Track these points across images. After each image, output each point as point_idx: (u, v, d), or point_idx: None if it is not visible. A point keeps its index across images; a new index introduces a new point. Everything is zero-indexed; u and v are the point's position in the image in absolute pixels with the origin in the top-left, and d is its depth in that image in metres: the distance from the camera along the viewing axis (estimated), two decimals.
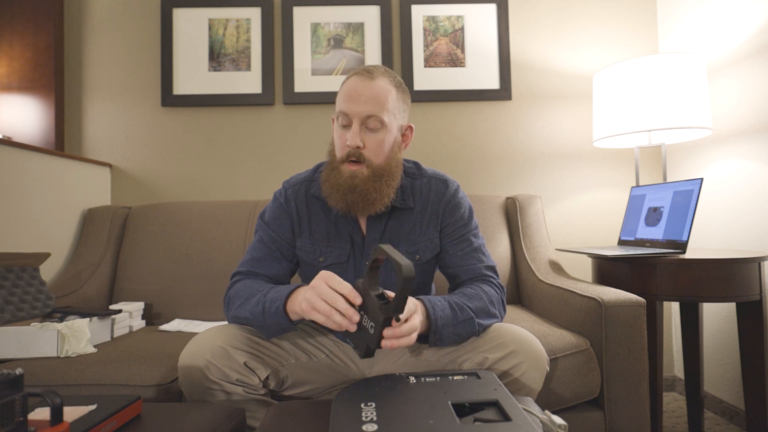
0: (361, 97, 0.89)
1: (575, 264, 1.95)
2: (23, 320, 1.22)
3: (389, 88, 0.91)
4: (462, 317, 0.86)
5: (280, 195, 1.02)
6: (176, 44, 1.93)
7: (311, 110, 1.95)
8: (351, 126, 0.90)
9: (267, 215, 1.02)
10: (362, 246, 0.98)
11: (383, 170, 0.92)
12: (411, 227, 0.99)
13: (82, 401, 0.70)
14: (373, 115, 0.89)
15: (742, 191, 1.56)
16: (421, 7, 1.96)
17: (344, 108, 0.90)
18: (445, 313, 0.84)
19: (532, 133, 1.97)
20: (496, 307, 0.92)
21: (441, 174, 1.04)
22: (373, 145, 0.91)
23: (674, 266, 1.28)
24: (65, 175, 1.66)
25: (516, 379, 0.84)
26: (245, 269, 0.98)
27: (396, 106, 0.93)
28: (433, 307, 0.84)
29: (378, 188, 0.91)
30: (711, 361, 1.70)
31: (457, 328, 0.85)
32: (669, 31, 1.92)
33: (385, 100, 0.90)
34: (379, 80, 0.90)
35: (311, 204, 1.00)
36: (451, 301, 0.87)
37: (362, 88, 0.89)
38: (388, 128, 0.91)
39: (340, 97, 0.92)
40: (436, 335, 0.84)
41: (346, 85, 0.92)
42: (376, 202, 0.92)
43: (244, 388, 0.86)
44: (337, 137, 0.94)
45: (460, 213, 1.00)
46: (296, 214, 1.00)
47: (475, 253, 0.99)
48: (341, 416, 0.58)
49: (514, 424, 0.54)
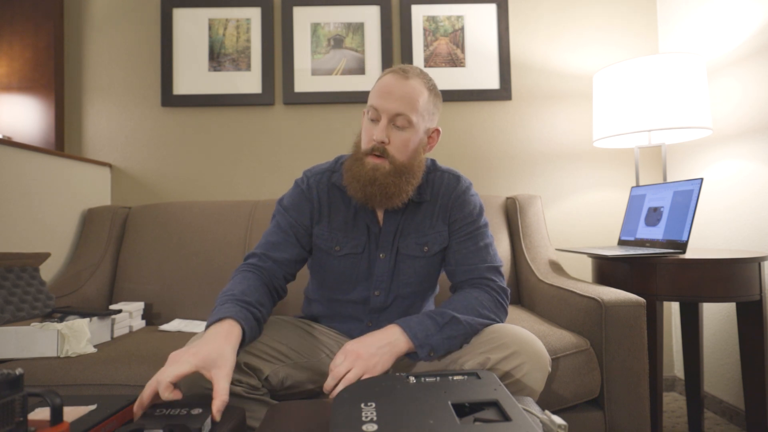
0: (393, 94, 0.91)
1: (575, 264, 1.95)
2: (23, 320, 1.22)
3: (422, 90, 0.93)
4: (443, 321, 0.86)
5: (302, 182, 1.04)
6: (176, 44, 1.93)
7: (311, 110, 1.95)
8: (379, 121, 0.93)
9: (286, 201, 1.04)
10: (378, 237, 1.00)
11: (405, 168, 0.94)
12: (422, 219, 1.01)
13: (82, 401, 0.69)
14: (401, 114, 0.91)
15: (742, 191, 1.56)
16: (421, 7, 1.96)
17: (375, 103, 0.93)
18: (423, 325, 0.85)
19: (532, 133, 1.97)
20: (489, 309, 0.92)
21: (455, 171, 1.07)
22: (398, 143, 0.93)
23: (674, 266, 1.28)
24: (65, 175, 1.66)
25: (518, 380, 0.84)
26: (260, 251, 0.98)
27: (426, 109, 0.95)
28: (406, 323, 0.85)
29: (397, 184, 0.93)
30: (711, 361, 1.71)
31: (444, 332, 0.85)
32: (669, 31, 1.92)
33: (416, 101, 0.92)
34: (413, 81, 0.92)
35: (332, 193, 1.02)
36: (427, 313, 0.88)
37: (395, 87, 0.91)
38: (416, 129, 0.94)
39: (374, 92, 0.94)
40: (425, 348, 0.84)
41: (381, 82, 0.94)
42: (393, 197, 0.94)
43: (243, 388, 0.86)
44: (365, 130, 0.96)
45: (468, 209, 1.02)
46: (317, 201, 1.02)
47: (479, 253, 0.99)
48: (341, 416, 0.58)
49: (514, 424, 0.54)
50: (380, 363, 0.80)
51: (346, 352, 0.81)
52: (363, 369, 0.78)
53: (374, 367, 0.79)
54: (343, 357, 0.80)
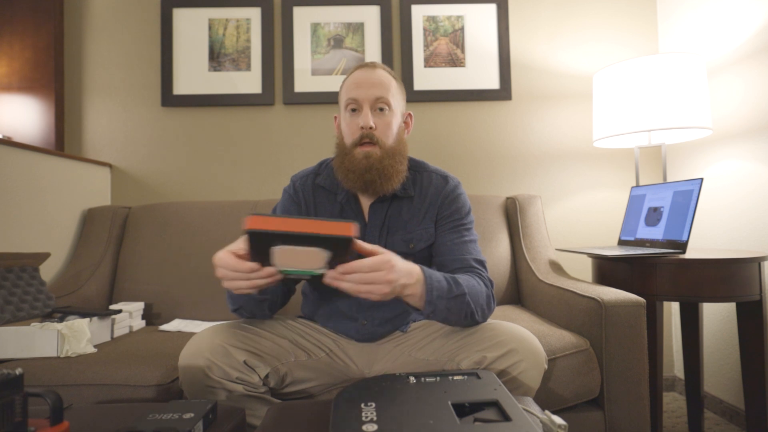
0: (367, 82, 0.98)
1: (575, 264, 1.95)
2: (23, 320, 1.22)
3: (390, 78, 1.01)
4: (456, 292, 0.86)
5: (289, 188, 1.09)
6: (176, 44, 1.93)
7: (311, 110, 1.95)
8: (360, 111, 0.98)
9: (279, 211, 1.09)
10: (364, 232, 1.03)
11: (394, 150, 0.99)
12: (409, 216, 1.03)
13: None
14: (381, 97, 0.97)
15: (742, 191, 1.56)
16: (421, 7, 1.96)
17: (354, 95, 0.98)
18: (441, 285, 0.84)
19: (532, 133, 1.97)
20: (479, 299, 0.90)
21: (442, 171, 1.09)
22: (383, 127, 0.98)
23: (674, 266, 1.28)
24: (65, 175, 1.66)
25: (514, 378, 0.84)
26: None
27: (398, 92, 1.02)
28: (430, 275, 0.84)
29: (392, 165, 0.98)
30: (711, 361, 1.70)
31: (450, 302, 0.85)
32: (669, 31, 1.92)
33: (389, 85, 1.00)
34: (380, 71, 1.01)
35: (317, 193, 1.07)
36: (446, 276, 0.87)
37: (368, 77, 0.99)
38: (394, 111, 1.00)
39: (348, 87, 1.00)
40: (431, 305, 0.83)
41: (352, 77, 1.01)
42: (392, 178, 0.98)
43: (244, 386, 0.86)
44: (347, 124, 1.00)
45: (456, 206, 1.04)
46: (304, 202, 1.07)
47: (466, 245, 1.00)
48: (341, 416, 0.58)
49: (514, 424, 0.54)
50: (389, 295, 0.77)
51: (391, 268, 0.75)
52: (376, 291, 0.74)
53: (383, 296, 0.76)
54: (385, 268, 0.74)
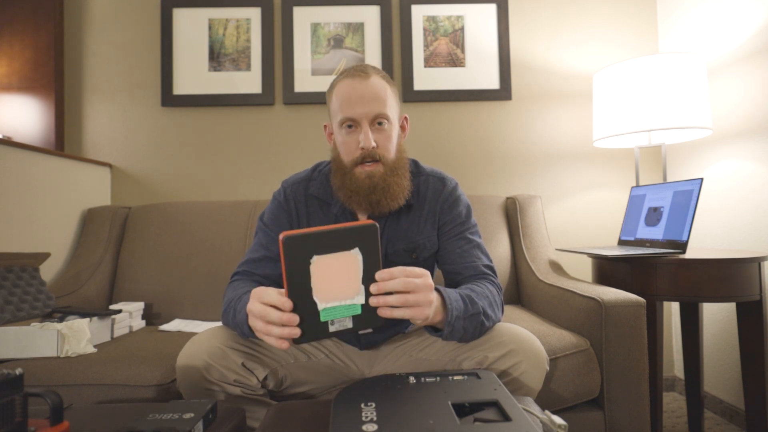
0: (364, 98, 0.89)
1: (575, 264, 1.95)
2: (23, 320, 1.22)
3: (384, 84, 0.93)
4: (472, 311, 0.83)
5: (279, 195, 1.03)
6: (176, 44, 1.92)
7: (311, 110, 1.94)
8: (358, 129, 0.91)
9: (266, 217, 1.02)
10: None
11: (396, 164, 0.94)
12: (409, 225, 0.99)
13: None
14: (379, 113, 0.91)
15: (742, 191, 1.56)
16: (421, 7, 1.96)
17: (350, 114, 0.90)
18: (458, 305, 0.82)
19: (532, 133, 1.97)
20: (495, 310, 0.91)
21: (439, 172, 1.04)
22: (384, 142, 0.93)
23: (674, 266, 1.28)
24: (65, 175, 1.66)
25: (515, 378, 0.84)
26: (242, 269, 0.99)
27: (393, 99, 0.95)
28: (448, 296, 0.82)
29: (397, 182, 0.93)
30: (711, 361, 1.70)
31: (466, 322, 0.83)
32: (669, 31, 1.92)
33: (385, 96, 0.91)
34: (373, 78, 0.91)
35: (310, 203, 1.01)
36: (462, 294, 0.85)
37: (362, 89, 0.90)
38: (393, 123, 0.94)
39: (340, 102, 0.91)
40: (449, 326, 0.81)
41: (343, 89, 0.91)
42: (398, 196, 0.94)
43: (242, 388, 0.86)
44: (344, 143, 0.93)
45: (457, 210, 1.00)
46: (295, 212, 1.01)
47: (475, 251, 0.98)
48: (341, 416, 0.58)
49: (514, 424, 0.54)
50: (430, 307, 0.74)
51: (427, 287, 0.73)
52: (410, 313, 0.71)
53: (429, 303, 0.73)
54: (423, 290, 0.72)
